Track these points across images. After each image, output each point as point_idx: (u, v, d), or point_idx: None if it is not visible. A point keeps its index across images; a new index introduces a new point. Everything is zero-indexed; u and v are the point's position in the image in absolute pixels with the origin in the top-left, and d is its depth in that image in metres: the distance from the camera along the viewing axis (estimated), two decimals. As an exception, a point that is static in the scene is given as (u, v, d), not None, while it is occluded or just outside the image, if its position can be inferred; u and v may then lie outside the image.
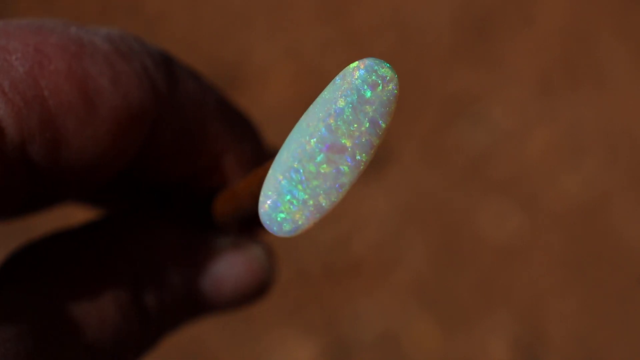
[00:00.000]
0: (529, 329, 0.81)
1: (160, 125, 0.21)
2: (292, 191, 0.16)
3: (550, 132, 0.89)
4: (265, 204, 0.17)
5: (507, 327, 0.81)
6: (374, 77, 0.16)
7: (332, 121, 0.16)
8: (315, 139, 0.16)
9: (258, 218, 0.24)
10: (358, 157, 0.17)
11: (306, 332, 0.79)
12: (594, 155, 0.88)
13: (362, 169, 0.17)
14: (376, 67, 0.16)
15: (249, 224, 0.26)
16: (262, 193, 0.17)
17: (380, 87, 0.16)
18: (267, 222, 0.17)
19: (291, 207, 0.16)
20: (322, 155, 0.16)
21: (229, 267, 0.24)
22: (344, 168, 0.16)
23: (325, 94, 0.16)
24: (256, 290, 0.25)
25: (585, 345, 0.81)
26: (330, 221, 0.83)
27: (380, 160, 0.86)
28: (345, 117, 0.16)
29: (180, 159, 0.23)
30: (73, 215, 0.45)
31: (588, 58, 0.93)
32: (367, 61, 0.17)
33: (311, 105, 0.17)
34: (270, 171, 0.17)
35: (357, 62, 0.16)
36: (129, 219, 0.24)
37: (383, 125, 0.17)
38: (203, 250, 0.24)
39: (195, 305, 0.24)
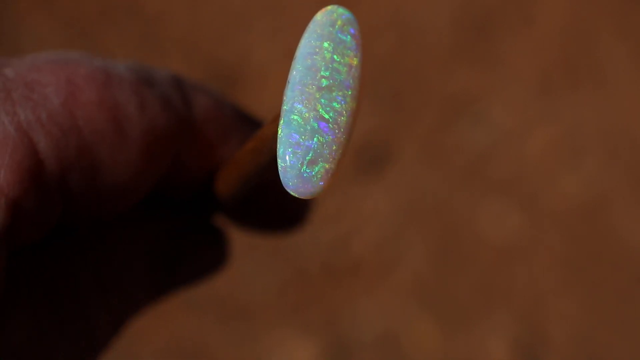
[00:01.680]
0: (529, 329, 0.81)
1: (183, 145, 0.22)
2: (308, 145, 0.17)
3: (550, 132, 0.89)
4: (287, 168, 0.17)
5: (507, 327, 0.81)
6: (335, 16, 0.17)
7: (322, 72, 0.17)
8: (314, 86, 0.17)
9: (264, 190, 0.24)
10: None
11: (306, 332, 0.79)
12: (594, 155, 0.88)
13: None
14: (333, 10, 0.17)
15: (275, 225, 0.27)
16: (279, 156, 0.17)
17: (340, 22, 0.17)
18: (296, 186, 0.17)
19: (314, 159, 0.17)
20: (323, 96, 0.17)
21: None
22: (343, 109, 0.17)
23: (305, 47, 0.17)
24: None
25: (585, 345, 0.81)
26: (330, 221, 0.83)
27: (380, 160, 0.86)
28: (327, 62, 0.17)
29: (202, 174, 0.24)
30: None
31: (588, 58, 0.93)
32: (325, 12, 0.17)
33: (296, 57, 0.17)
34: (280, 131, 0.17)
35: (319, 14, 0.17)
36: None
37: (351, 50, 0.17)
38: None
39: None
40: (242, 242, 0.60)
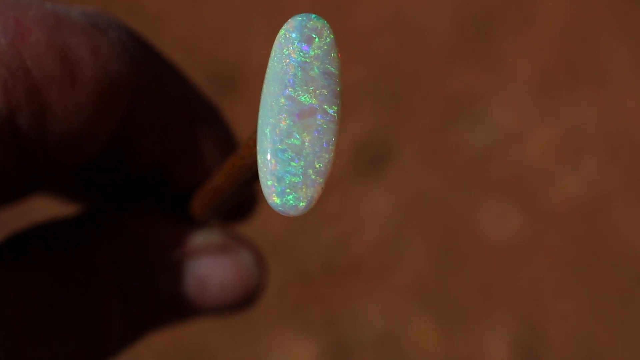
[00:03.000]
0: (528, 329, 0.81)
1: (139, 98, 0.22)
2: (288, 171, 0.16)
3: (551, 132, 0.89)
4: (272, 196, 0.16)
5: (507, 327, 0.81)
6: (307, 32, 0.17)
7: (290, 90, 0.16)
8: (284, 114, 0.16)
9: (239, 210, 0.24)
10: (330, 111, 0.17)
11: (306, 332, 0.79)
12: (594, 155, 0.88)
13: (338, 119, 0.17)
14: (304, 23, 0.17)
15: (230, 217, 0.26)
16: (262, 184, 0.17)
17: (317, 39, 0.17)
18: (282, 209, 0.16)
19: (295, 185, 0.16)
20: (297, 125, 0.16)
21: (215, 267, 0.24)
22: (323, 126, 0.16)
23: (272, 67, 0.17)
24: (242, 298, 0.24)
25: (585, 345, 0.81)
26: (330, 221, 0.83)
27: (380, 160, 0.86)
28: (299, 80, 0.17)
29: (158, 136, 0.23)
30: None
31: (588, 58, 0.93)
32: (293, 21, 0.17)
33: (264, 84, 0.17)
34: (260, 161, 0.17)
35: (285, 25, 0.17)
36: (113, 213, 0.24)
37: (335, 71, 0.17)
38: (188, 247, 0.24)
39: (179, 307, 0.24)
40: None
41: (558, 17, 0.94)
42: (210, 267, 0.24)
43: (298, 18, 0.17)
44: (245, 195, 0.22)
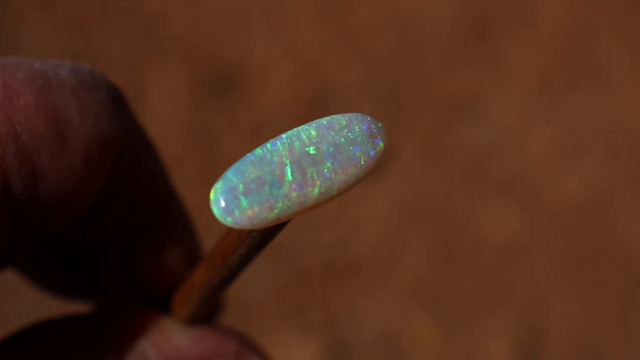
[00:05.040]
0: (528, 329, 0.81)
1: (121, 158, 0.22)
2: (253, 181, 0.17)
3: (550, 131, 0.89)
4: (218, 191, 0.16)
5: (507, 327, 0.81)
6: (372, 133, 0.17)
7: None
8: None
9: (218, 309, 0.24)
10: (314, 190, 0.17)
11: (306, 332, 0.79)
12: (593, 155, 0.88)
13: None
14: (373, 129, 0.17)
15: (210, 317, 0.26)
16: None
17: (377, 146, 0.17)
18: (218, 206, 0.16)
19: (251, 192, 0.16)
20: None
21: None
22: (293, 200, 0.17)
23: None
24: None
25: (585, 345, 0.81)
26: (330, 221, 0.83)
27: (380, 160, 0.86)
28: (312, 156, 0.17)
29: (129, 205, 0.23)
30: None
31: (588, 58, 0.92)
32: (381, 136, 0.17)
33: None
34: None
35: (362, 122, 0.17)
36: (120, 314, 0.24)
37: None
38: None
39: None
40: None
41: (558, 17, 0.94)
42: None
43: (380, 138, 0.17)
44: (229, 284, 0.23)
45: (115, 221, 0.23)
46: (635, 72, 0.92)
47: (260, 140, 0.86)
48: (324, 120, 0.17)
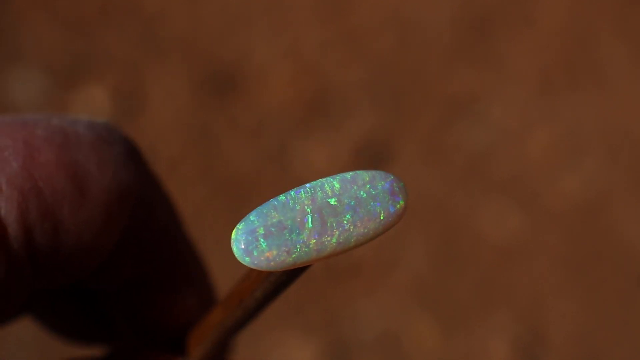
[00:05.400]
0: (528, 329, 0.81)
1: (138, 210, 0.22)
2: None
3: (551, 131, 0.89)
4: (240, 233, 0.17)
5: (507, 327, 0.81)
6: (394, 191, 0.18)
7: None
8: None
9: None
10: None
11: (306, 332, 0.79)
12: (594, 155, 0.88)
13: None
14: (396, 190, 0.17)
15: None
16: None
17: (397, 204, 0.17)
18: (239, 247, 0.17)
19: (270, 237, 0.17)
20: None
21: None
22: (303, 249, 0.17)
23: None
24: None
25: (585, 345, 0.81)
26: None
27: (381, 161, 0.86)
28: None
29: (152, 250, 0.23)
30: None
31: (588, 58, 0.92)
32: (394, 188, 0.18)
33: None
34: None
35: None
36: (128, 356, 0.24)
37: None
38: None
39: None
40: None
41: (558, 17, 0.94)
42: None
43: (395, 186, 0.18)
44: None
45: (131, 269, 0.23)
46: (635, 72, 0.92)
47: (260, 140, 0.86)
48: (348, 175, 0.17)
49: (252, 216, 0.17)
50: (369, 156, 0.86)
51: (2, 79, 0.86)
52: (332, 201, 0.17)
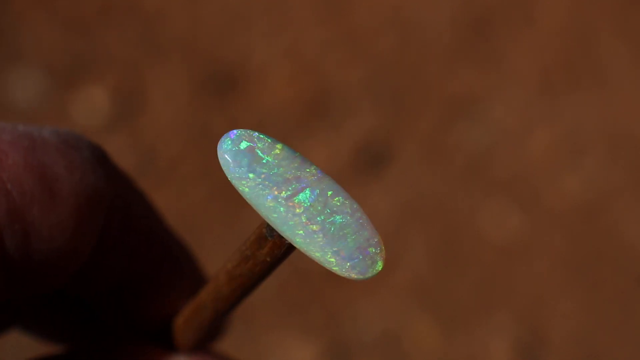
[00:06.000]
0: (529, 329, 0.81)
1: (113, 214, 0.22)
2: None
3: (551, 132, 0.89)
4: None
5: (508, 327, 0.80)
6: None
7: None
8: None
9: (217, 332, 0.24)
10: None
11: (306, 332, 0.79)
12: (594, 155, 0.88)
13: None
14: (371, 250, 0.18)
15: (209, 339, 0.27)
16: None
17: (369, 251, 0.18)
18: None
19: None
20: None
21: None
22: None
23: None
24: None
25: (585, 345, 0.81)
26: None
27: (381, 160, 0.86)
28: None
29: (126, 257, 0.23)
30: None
31: (588, 58, 0.92)
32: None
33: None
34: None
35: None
36: (114, 348, 0.24)
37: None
38: None
39: None
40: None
41: (558, 17, 0.94)
42: None
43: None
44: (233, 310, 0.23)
45: (116, 271, 0.23)
46: (635, 72, 0.92)
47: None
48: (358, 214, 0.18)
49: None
50: (369, 156, 0.86)
51: (2, 79, 0.86)
52: (336, 201, 0.18)
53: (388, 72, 0.90)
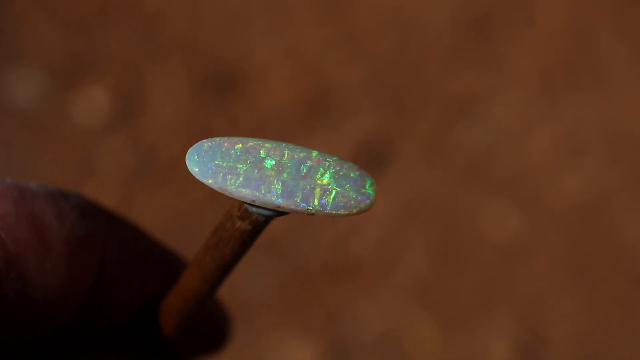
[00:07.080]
0: (529, 330, 0.81)
1: (108, 255, 0.23)
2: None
3: (551, 131, 0.89)
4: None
5: (508, 327, 0.80)
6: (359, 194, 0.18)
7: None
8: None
9: (210, 337, 0.25)
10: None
11: (306, 332, 0.79)
12: (594, 155, 0.88)
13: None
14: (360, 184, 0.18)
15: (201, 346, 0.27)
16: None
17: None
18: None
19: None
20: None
21: None
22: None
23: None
24: None
25: (585, 345, 0.81)
26: (330, 221, 0.82)
27: (381, 160, 0.86)
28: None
29: (128, 288, 0.24)
30: None
31: (588, 58, 0.92)
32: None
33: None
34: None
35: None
36: None
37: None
38: None
39: None
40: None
41: (558, 17, 0.94)
42: None
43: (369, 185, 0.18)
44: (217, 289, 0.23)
45: (114, 312, 0.24)
46: (635, 72, 0.92)
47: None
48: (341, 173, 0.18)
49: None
50: (369, 156, 0.86)
51: (2, 79, 0.86)
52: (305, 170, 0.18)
53: (388, 72, 0.90)
